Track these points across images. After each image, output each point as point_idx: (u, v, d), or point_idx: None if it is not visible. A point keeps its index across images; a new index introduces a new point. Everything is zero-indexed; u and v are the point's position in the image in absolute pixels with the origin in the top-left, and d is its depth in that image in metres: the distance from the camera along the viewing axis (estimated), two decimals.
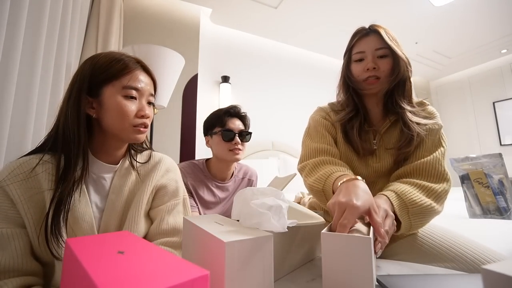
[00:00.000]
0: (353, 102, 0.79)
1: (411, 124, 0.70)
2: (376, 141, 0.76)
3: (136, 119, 0.57)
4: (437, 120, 0.74)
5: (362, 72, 0.74)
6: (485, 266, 0.23)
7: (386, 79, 0.73)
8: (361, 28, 0.79)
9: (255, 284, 0.35)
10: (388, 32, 0.75)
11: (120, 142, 0.60)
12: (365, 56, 0.74)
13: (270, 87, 2.88)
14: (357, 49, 0.77)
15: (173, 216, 0.65)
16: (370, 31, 0.76)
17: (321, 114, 0.85)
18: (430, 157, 0.68)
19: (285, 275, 0.49)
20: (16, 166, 0.51)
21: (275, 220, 0.41)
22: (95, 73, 0.55)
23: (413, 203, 0.60)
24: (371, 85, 0.74)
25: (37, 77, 0.87)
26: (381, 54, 0.73)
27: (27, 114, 0.83)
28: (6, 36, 0.75)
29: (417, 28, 2.79)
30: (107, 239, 0.33)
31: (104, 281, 0.20)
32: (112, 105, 0.55)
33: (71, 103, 0.54)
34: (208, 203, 1.08)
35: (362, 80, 0.74)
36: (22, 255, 0.47)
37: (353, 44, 0.78)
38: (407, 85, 0.74)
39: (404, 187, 0.64)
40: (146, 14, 2.09)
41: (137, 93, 0.58)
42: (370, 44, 0.74)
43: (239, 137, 1.05)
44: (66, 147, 0.53)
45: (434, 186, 0.65)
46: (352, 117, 0.78)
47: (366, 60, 0.74)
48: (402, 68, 0.72)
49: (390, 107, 0.75)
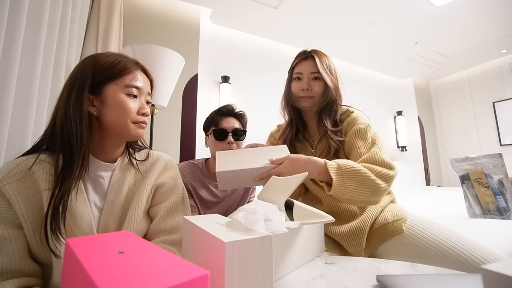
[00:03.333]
0: (289, 116, 0.94)
1: (330, 140, 0.82)
2: (313, 150, 0.89)
3: (138, 116, 0.59)
4: (361, 122, 0.82)
5: (299, 91, 0.86)
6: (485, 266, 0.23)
7: (319, 99, 0.85)
8: (302, 51, 0.91)
9: (255, 284, 0.35)
10: (323, 59, 0.86)
11: (119, 139, 0.61)
12: (302, 76, 0.87)
13: (270, 87, 2.87)
14: (297, 69, 0.89)
15: (172, 214, 0.65)
16: (309, 56, 0.88)
17: (270, 140, 1.03)
18: (368, 153, 0.75)
19: (285, 275, 0.49)
20: (13, 167, 0.51)
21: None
22: (98, 72, 0.56)
23: (347, 166, 0.67)
24: (305, 102, 0.86)
25: (37, 77, 0.87)
26: (315, 77, 0.85)
27: (27, 114, 0.83)
28: (6, 36, 0.75)
29: (417, 28, 2.79)
30: (107, 239, 0.33)
31: (104, 281, 0.20)
32: (115, 102, 0.56)
33: (73, 101, 0.54)
34: (207, 202, 1.08)
35: (298, 97, 0.87)
36: (19, 256, 0.47)
37: (294, 64, 0.91)
38: (333, 108, 0.86)
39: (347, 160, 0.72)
40: (146, 14, 2.09)
41: (138, 91, 0.59)
42: (307, 67, 0.86)
43: (233, 136, 1.05)
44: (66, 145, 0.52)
45: (375, 167, 0.69)
46: (290, 129, 0.93)
47: (302, 81, 0.86)
48: (330, 92, 0.83)
49: (319, 123, 0.88)
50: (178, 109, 2.09)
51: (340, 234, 0.79)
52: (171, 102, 1.63)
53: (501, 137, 3.50)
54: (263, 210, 0.42)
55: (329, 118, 0.85)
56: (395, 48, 3.20)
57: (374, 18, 2.61)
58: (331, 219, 0.56)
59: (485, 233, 0.93)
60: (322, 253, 0.64)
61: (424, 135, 3.95)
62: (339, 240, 0.79)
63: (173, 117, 2.06)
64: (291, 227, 0.46)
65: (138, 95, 0.60)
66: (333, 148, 0.82)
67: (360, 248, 0.76)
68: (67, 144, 0.53)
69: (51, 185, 0.51)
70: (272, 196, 0.57)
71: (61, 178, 0.51)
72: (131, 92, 0.58)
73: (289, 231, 0.42)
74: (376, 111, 3.80)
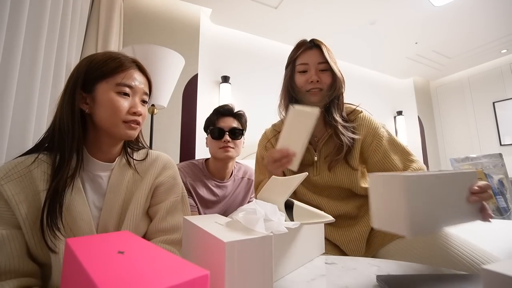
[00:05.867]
0: None
1: (341, 136, 0.76)
2: (317, 153, 0.81)
3: (128, 115, 0.57)
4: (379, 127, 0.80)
5: (306, 84, 0.78)
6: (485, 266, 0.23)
7: (327, 92, 0.78)
8: (304, 40, 0.83)
9: (255, 284, 0.35)
10: (328, 49, 0.80)
11: (112, 138, 0.60)
12: (308, 68, 0.79)
13: (270, 87, 2.87)
14: (300, 60, 0.80)
15: (172, 214, 0.65)
16: (313, 45, 0.81)
17: (263, 144, 0.92)
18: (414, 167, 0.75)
19: (285, 275, 0.49)
20: (11, 167, 0.51)
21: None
22: (91, 70, 0.56)
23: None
24: (314, 96, 0.78)
25: (38, 77, 0.87)
26: (322, 68, 0.78)
27: (28, 114, 0.83)
28: (7, 36, 0.75)
29: (417, 28, 2.79)
30: (107, 239, 0.33)
31: (104, 281, 0.20)
32: (104, 101, 0.55)
33: (66, 98, 0.55)
34: (207, 202, 1.08)
35: (306, 91, 0.78)
36: (18, 256, 0.47)
37: (297, 55, 0.82)
38: (340, 100, 0.81)
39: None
40: (146, 14, 2.08)
41: (131, 90, 0.58)
42: (313, 58, 0.79)
43: (230, 135, 1.05)
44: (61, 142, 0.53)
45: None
46: None
47: (309, 73, 0.78)
48: (339, 84, 0.78)
49: (327, 120, 0.79)
50: (178, 109, 2.09)
51: (340, 238, 0.79)
52: (171, 102, 1.63)
53: (501, 137, 3.50)
54: (263, 210, 0.42)
55: (338, 112, 0.79)
56: (395, 48, 3.20)
57: (374, 18, 2.61)
58: (331, 219, 0.56)
59: (485, 233, 0.92)
60: (322, 253, 0.64)
61: (424, 135, 3.95)
62: (340, 245, 0.79)
63: (173, 117, 2.06)
64: (291, 227, 0.46)
65: (131, 94, 0.58)
66: (346, 146, 0.75)
67: (360, 252, 0.76)
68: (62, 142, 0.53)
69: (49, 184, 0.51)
70: (272, 196, 0.57)
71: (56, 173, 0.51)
72: (123, 91, 0.57)
73: (289, 231, 0.42)
74: (376, 111, 3.79)
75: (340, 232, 0.80)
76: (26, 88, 0.83)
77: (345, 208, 0.81)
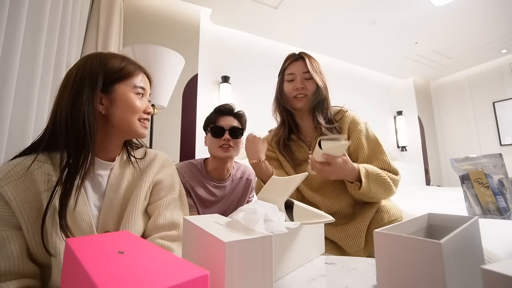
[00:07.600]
0: (282, 118, 0.96)
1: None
2: (311, 151, 0.90)
3: (143, 114, 0.63)
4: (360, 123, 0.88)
5: (292, 91, 0.89)
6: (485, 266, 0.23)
7: (312, 98, 0.87)
8: (292, 54, 0.94)
9: (255, 284, 0.35)
10: (312, 60, 0.90)
11: (123, 137, 0.63)
12: (295, 77, 0.89)
13: (270, 87, 2.87)
14: (288, 71, 0.91)
15: (170, 210, 0.65)
16: (299, 57, 0.91)
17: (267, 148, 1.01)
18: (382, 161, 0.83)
19: (285, 275, 0.49)
20: (11, 167, 0.50)
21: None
22: (109, 72, 0.58)
23: (373, 171, 0.77)
24: (299, 102, 0.88)
25: (37, 77, 0.87)
26: (307, 77, 0.88)
27: (28, 114, 0.83)
28: (6, 35, 0.75)
29: (417, 28, 2.79)
30: (107, 239, 0.33)
31: (104, 281, 0.20)
32: (125, 101, 0.59)
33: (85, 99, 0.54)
34: (206, 201, 1.08)
35: (293, 97, 0.89)
36: (18, 257, 0.47)
37: (285, 66, 0.93)
38: (324, 105, 0.90)
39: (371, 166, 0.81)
40: (146, 14, 2.08)
41: (143, 91, 0.63)
42: (298, 68, 0.89)
43: (230, 134, 1.05)
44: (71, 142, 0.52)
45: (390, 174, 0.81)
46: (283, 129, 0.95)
47: (295, 81, 0.89)
48: (321, 91, 0.87)
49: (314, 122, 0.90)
50: (178, 109, 2.09)
51: (338, 234, 0.80)
52: (171, 102, 1.63)
53: (501, 137, 3.50)
54: (263, 210, 0.42)
55: (322, 115, 0.89)
56: (395, 48, 3.20)
57: (374, 18, 2.61)
58: (331, 219, 0.56)
59: (485, 233, 0.92)
60: (322, 253, 0.64)
61: (424, 135, 3.95)
62: (338, 241, 0.79)
63: (173, 117, 2.06)
64: (291, 227, 0.46)
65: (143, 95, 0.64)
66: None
67: (359, 247, 0.77)
68: (73, 142, 0.52)
69: (50, 185, 0.51)
70: (272, 196, 0.57)
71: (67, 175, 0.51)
72: (140, 92, 0.62)
73: (289, 231, 0.42)
74: (376, 111, 3.80)
75: (338, 228, 0.83)
76: (25, 88, 0.83)
77: (340, 205, 0.85)
